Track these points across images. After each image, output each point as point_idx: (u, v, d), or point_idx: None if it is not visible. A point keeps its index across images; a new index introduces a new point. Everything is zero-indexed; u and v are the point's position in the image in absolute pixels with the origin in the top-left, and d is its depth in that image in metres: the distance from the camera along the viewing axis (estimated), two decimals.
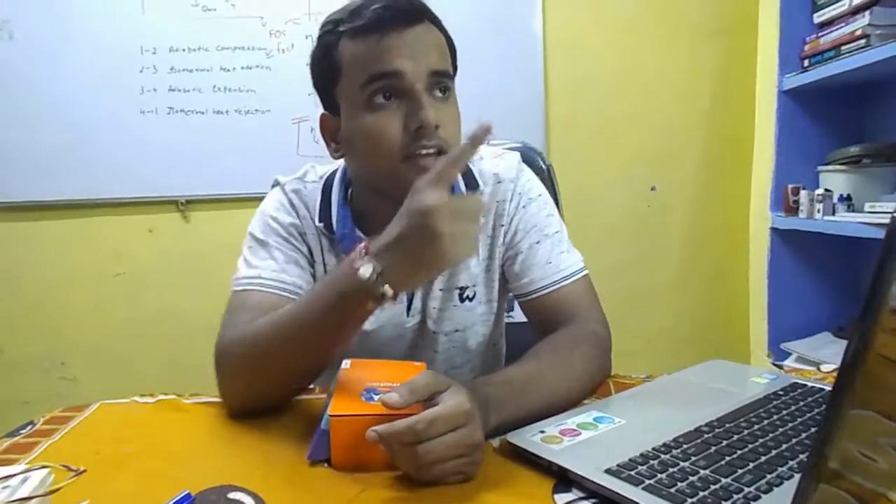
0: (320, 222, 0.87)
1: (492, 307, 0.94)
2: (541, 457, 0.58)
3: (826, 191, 1.74)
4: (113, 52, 1.98)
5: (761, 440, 0.59)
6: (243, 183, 2.01)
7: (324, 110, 0.84)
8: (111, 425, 0.74)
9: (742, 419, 0.64)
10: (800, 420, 0.64)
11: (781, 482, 0.51)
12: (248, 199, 1.96)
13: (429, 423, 0.54)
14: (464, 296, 0.91)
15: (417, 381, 0.57)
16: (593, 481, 0.53)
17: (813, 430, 0.61)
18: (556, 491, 0.55)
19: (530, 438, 0.61)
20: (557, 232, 0.90)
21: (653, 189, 2.18)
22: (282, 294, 0.82)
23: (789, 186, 1.90)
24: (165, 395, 0.82)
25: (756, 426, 0.62)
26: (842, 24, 1.69)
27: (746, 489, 0.50)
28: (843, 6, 1.70)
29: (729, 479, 0.51)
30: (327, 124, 0.84)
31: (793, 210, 1.88)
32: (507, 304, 1.01)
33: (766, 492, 0.50)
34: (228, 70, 2.02)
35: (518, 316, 0.94)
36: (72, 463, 0.60)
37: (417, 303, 0.90)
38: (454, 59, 0.82)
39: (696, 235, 2.21)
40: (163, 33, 1.99)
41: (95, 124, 1.99)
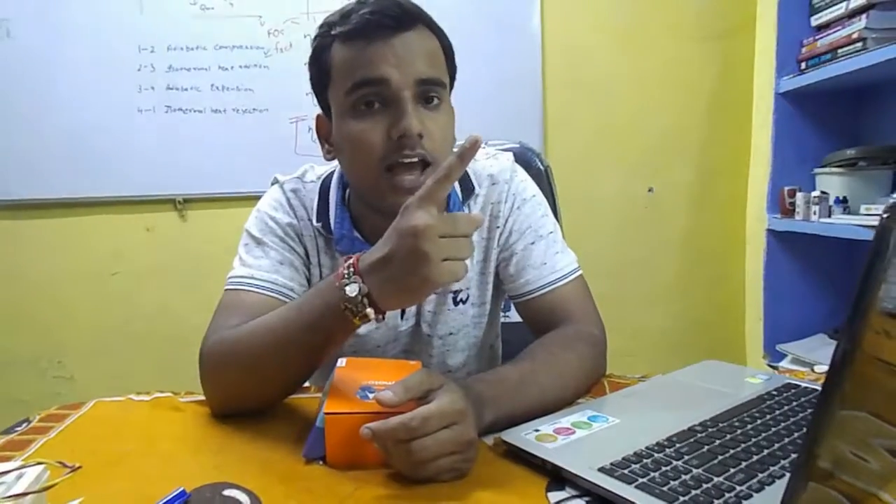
0: (318, 223, 0.86)
1: (484, 309, 0.94)
2: (535, 455, 0.58)
3: (822, 193, 1.75)
4: (111, 50, 1.98)
5: (754, 440, 0.59)
6: (241, 182, 2.02)
7: (320, 111, 0.84)
8: (107, 423, 0.74)
9: (735, 419, 0.64)
10: (792, 420, 0.64)
11: (773, 481, 0.51)
12: (246, 198, 1.96)
13: (422, 420, 0.54)
14: (457, 299, 0.91)
15: (411, 379, 0.57)
16: (586, 479, 0.53)
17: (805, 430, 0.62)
18: (549, 489, 0.55)
19: (524, 436, 0.62)
20: (552, 232, 0.90)
21: (650, 190, 2.19)
22: (272, 295, 0.81)
23: (786, 188, 1.91)
24: (161, 393, 0.82)
25: (749, 426, 0.62)
26: (839, 28, 1.70)
27: (738, 488, 0.50)
28: (840, 9, 1.70)
29: (721, 478, 0.52)
30: (322, 126, 0.83)
31: (789, 212, 1.89)
32: (504, 304, 1.02)
33: (757, 490, 0.50)
34: (226, 69, 2.02)
35: (515, 316, 0.94)
36: (67, 460, 0.60)
37: (412, 306, 0.90)
38: (451, 63, 0.81)
39: (692, 237, 2.21)
40: (161, 32, 1.99)
41: (93, 123, 1.99)
